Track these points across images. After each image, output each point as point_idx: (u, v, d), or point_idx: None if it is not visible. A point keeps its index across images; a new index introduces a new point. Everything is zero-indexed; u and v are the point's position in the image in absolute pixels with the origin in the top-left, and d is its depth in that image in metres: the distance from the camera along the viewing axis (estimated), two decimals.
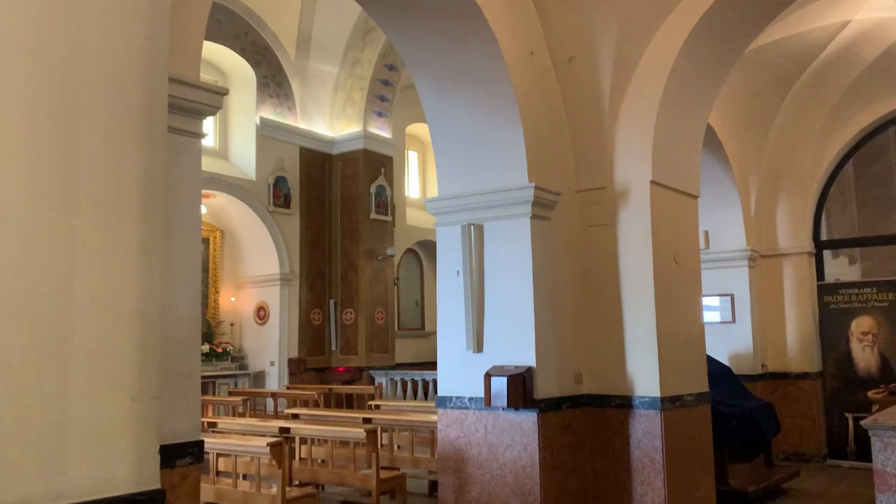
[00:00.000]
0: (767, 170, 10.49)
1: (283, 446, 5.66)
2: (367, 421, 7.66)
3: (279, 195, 14.45)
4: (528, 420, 5.95)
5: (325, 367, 15.01)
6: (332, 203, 15.47)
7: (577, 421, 6.39)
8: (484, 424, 6.18)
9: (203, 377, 13.71)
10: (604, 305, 6.52)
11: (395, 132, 16.04)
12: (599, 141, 6.59)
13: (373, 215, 15.23)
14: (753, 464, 8.47)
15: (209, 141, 14.25)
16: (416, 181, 18.22)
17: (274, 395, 12.02)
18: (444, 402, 6.44)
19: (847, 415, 10.06)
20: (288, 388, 13.05)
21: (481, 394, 6.15)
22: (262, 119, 14.19)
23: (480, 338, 6.28)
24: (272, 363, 14.31)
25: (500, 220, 6.28)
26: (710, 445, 6.83)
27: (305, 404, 12.23)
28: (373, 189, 15.28)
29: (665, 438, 6.12)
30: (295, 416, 8.29)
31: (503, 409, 6.02)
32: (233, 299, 14.61)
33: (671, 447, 6.18)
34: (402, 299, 17.28)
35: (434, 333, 18.13)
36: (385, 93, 15.52)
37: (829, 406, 10.32)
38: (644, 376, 6.25)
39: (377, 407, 9.26)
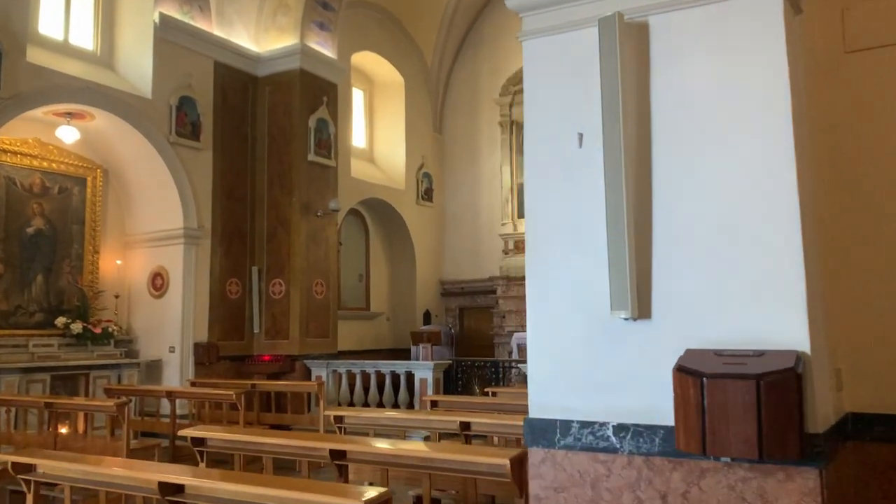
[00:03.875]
0: None
1: None
2: (338, 458, 3.85)
3: (184, 122, 10.32)
4: (797, 485, 2.29)
5: (244, 354, 10.98)
6: (256, 139, 11.41)
7: (845, 475, 2.77)
8: (660, 491, 2.49)
9: (72, 367, 9.55)
10: (885, 218, 2.93)
11: (340, 57, 12.11)
12: None
13: (311, 157, 11.26)
14: None
15: (86, 41, 10.00)
16: (361, 128, 14.30)
17: (171, 395, 8.00)
18: (543, 433, 2.69)
19: None
20: (193, 385, 9.03)
21: (652, 418, 2.46)
22: (162, 17, 10.02)
23: (646, 287, 2.58)
24: (172, 349, 10.20)
25: (701, 6, 2.59)
26: None
27: (217, 408, 8.27)
28: (311, 123, 11.31)
29: None
30: (199, 444, 4.39)
31: (733, 460, 2.35)
32: (119, 262, 10.40)
33: None
34: (343, 272, 13.37)
35: (382, 314, 14.28)
36: None
37: None
38: None
39: (339, 422, 5.38)
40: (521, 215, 13.99)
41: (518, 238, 13.86)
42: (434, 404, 6.48)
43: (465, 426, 4.95)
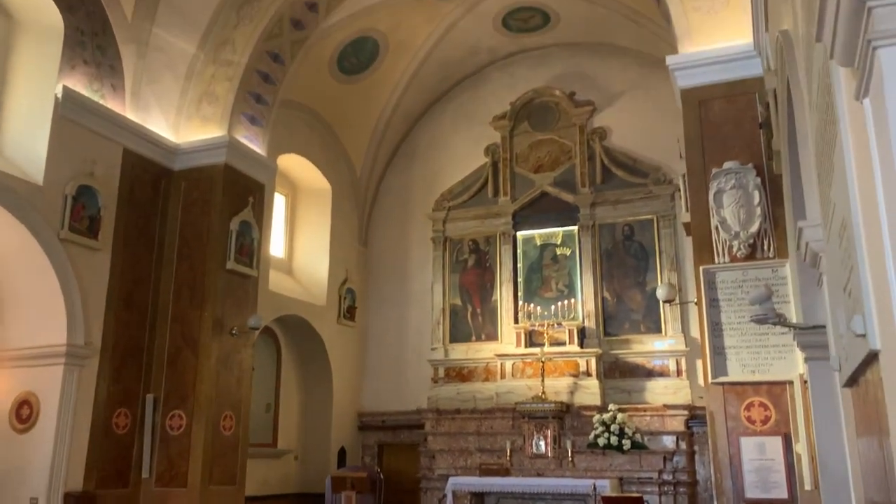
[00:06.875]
0: None
1: None
2: None
3: (81, 215, 8.40)
4: None
5: None
6: (164, 240, 9.55)
7: None
8: None
9: None
10: None
11: (268, 157, 10.62)
12: None
13: (230, 265, 9.48)
14: None
15: None
16: (280, 235, 12.64)
17: None
18: None
19: None
20: None
21: None
22: (66, 92, 8.28)
23: None
24: (34, 501, 7.83)
25: None
26: None
27: None
28: (234, 225, 9.61)
29: None
30: None
31: None
32: None
33: None
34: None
35: (290, 453, 12.16)
36: (263, 92, 10.17)
37: None
38: None
39: None
40: (452, 339, 12.53)
41: (450, 365, 12.32)
42: None
43: None
